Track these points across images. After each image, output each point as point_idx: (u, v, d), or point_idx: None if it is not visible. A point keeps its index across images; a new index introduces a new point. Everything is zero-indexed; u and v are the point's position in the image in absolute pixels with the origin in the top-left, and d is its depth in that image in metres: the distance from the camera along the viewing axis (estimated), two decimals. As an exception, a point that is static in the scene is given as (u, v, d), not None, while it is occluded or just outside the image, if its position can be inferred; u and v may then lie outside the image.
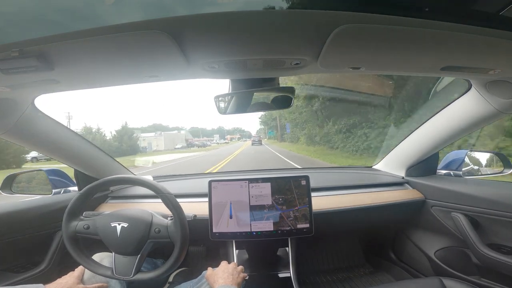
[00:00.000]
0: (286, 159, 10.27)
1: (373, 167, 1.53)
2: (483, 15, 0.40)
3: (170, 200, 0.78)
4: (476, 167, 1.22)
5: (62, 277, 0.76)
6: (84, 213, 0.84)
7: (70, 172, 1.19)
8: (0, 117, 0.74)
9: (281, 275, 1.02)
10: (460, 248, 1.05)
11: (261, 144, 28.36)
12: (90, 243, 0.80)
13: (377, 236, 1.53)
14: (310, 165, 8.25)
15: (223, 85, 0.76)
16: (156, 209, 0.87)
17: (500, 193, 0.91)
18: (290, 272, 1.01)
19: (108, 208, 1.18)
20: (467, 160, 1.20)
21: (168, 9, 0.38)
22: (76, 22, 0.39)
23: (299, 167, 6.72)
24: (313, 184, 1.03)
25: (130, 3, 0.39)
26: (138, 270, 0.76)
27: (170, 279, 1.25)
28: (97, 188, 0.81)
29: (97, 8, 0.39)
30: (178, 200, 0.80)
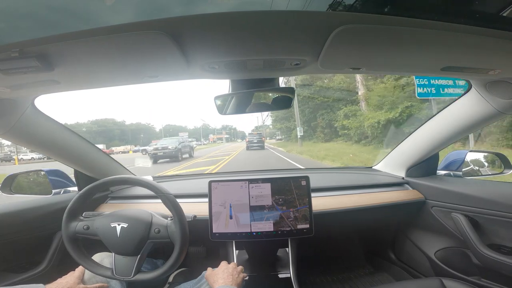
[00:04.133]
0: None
1: (373, 167, 1.53)
2: (483, 15, 0.40)
3: (170, 201, 0.78)
4: (476, 168, 1.22)
5: (63, 277, 0.76)
6: (84, 213, 0.84)
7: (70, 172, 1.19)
8: (0, 117, 0.74)
9: (281, 275, 1.02)
10: (460, 248, 1.05)
11: (263, 148, 15.46)
12: (90, 243, 0.80)
13: (377, 237, 1.53)
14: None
15: (223, 85, 0.75)
16: (156, 209, 0.87)
17: (500, 194, 0.91)
18: (290, 273, 1.01)
19: (108, 208, 1.18)
20: (467, 160, 1.20)
21: (168, 10, 0.38)
22: (76, 22, 0.39)
23: (301, 167, 6.71)
24: (313, 184, 1.03)
25: (130, 3, 0.39)
26: (138, 271, 0.76)
27: (170, 279, 1.25)
28: (97, 188, 0.81)
29: (97, 9, 0.39)
30: (178, 200, 0.80)
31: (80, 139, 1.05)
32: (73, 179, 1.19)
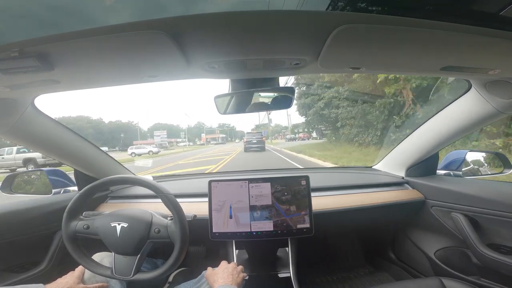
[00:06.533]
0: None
1: (373, 167, 1.53)
2: (483, 15, 0.40)
3: (170, 200, 0.78)
4: (476, 167, 1.22)
5: (63, 276, 0.76)
6: (84, 213, 0.84)
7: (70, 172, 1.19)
8: (0, 117, 0.74)
9: (281, 275, 1.02)
10: (460, 248, 1.05)
11: (263, 149, 14.48)
12: (90, 243, 0.80)
13: (377, 236, 1.53)
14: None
15: (223, 84, 0.75)
16: (156, 209, 0.88)
17: (500, 193, 0.91)
18: (290, 272, 1.01)
19: (108, 208, 1.18)
20: (467, 160, 1.20)
21: (168, 9, 0.38)
22: (76, 22, 0.39)
23: (300, 167, 6.71)
24: (313, 184, 1.03)
25: (129, 3, 0.39)
26: (137, 270, 0.76)
27: (170, 279, 1.25)
28: (97, 188, 0.81)
29: (97, 8, 0.38)
30: (178, 200, 0.80)
31: (80, 139, 1.05)
32: (73, 179, 1.19)
